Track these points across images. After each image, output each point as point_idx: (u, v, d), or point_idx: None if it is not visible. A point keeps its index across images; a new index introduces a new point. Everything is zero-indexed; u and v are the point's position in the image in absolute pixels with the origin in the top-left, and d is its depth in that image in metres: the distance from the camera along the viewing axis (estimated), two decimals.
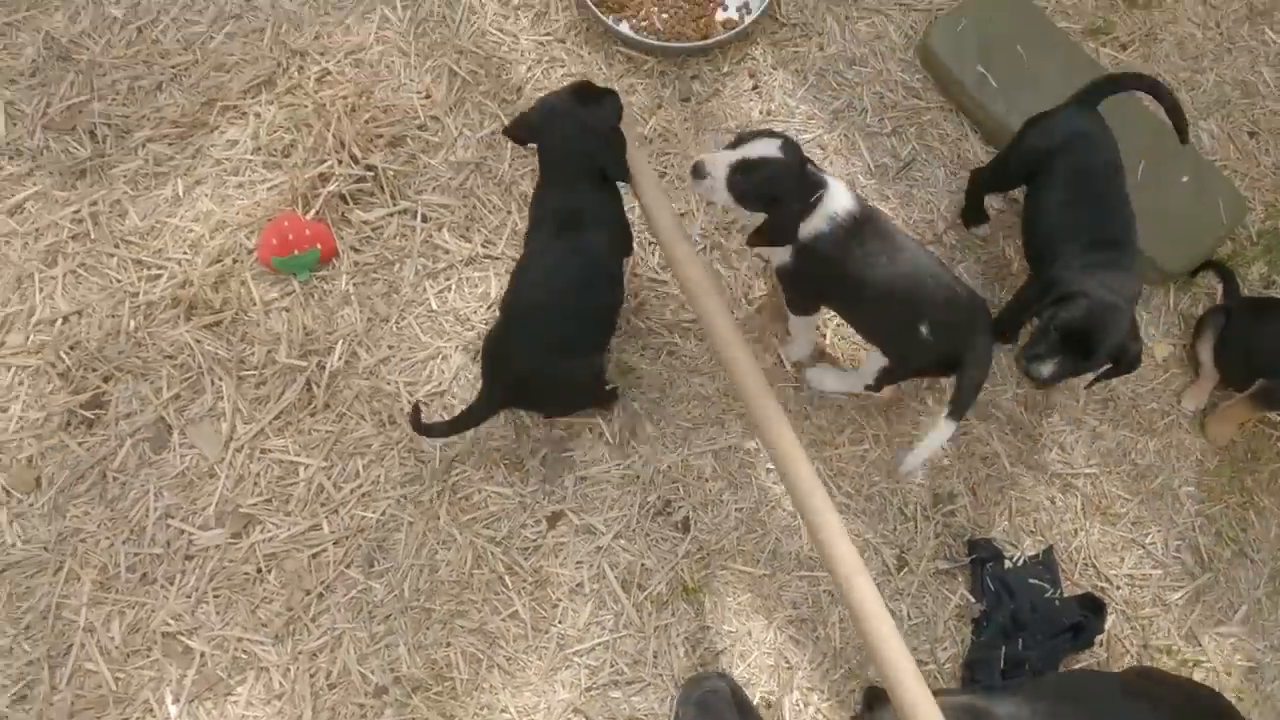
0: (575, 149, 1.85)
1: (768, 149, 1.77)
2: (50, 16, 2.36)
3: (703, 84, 2.44)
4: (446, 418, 2.08)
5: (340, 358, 2.13)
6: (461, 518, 2.03)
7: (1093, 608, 2.00)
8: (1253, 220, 2.39)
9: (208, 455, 2.04)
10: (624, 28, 2.44)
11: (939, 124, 2.44)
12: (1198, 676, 2.03)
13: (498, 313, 1.96)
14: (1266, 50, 2.56)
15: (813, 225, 1.81)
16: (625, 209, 1.98)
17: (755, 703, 1.92)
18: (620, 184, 1.95)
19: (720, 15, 2.50)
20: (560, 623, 1.98)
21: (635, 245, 2.10)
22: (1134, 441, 2.19)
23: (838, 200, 1.81)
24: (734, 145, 1.83)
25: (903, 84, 2.48)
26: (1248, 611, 2.09)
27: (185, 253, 2.18)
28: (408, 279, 2.21)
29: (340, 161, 2.24)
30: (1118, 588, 2.08)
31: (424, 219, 2.25)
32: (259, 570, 1.97)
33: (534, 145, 1.93)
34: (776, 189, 1.77)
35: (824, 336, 2.23)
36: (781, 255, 1.89)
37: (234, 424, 2.06)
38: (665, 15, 2.49)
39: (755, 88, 2.45)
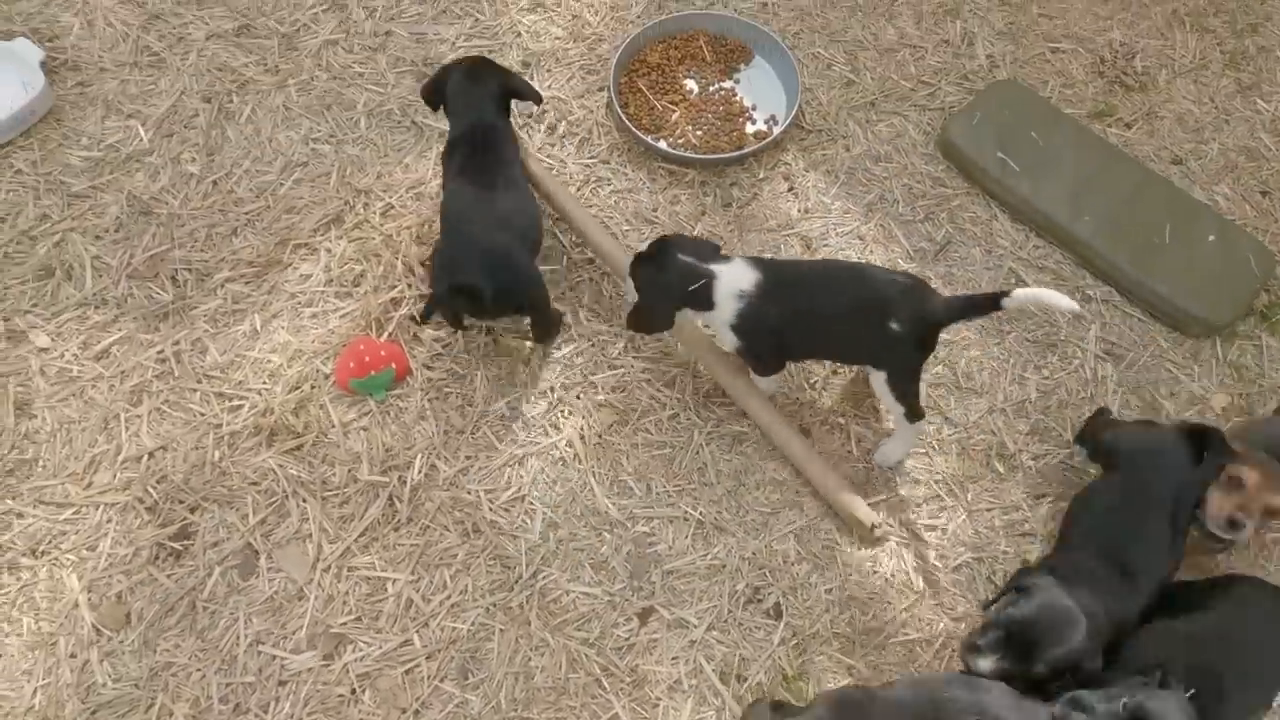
0: (478, 85, 2.25)
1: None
2: (132, 178, 2.54)
3: (741, 190, 2.60)
4: (528, 522, 2.12)
5: (420, 471, 2.17)
6: (552, 621, 2.02)
7: None
8: None
9: (296, 577, 2.05)
10: (662, 145, 2.62)
11: (968, 208, 2.59)
12: None
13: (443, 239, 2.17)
14: (1261, 118, 2.75)
15: (727, 310, 1.98)
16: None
17: None
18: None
19: (750, 128, 2.69)
20: None
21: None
22: None
23: (737, 280, 1.97)
24: None
25: (928, 175, 2.64)
26: None
27: (265, 382, 2.26)
28: (479, 390, 2.28)
29: (410, 285, 2.36)
30: None
31: (488, 330, 2.34)
32: (353, 691, 1.93)
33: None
34: (647, 290, 2.03)
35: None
36: (728, 341, 2.05)
37: (320, 544, 2.08)
38: (700, 132, 2.68)
39: (791, 189, 2.61)
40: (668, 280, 1.99)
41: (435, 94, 2.30)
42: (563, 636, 2.00)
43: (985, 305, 1.90)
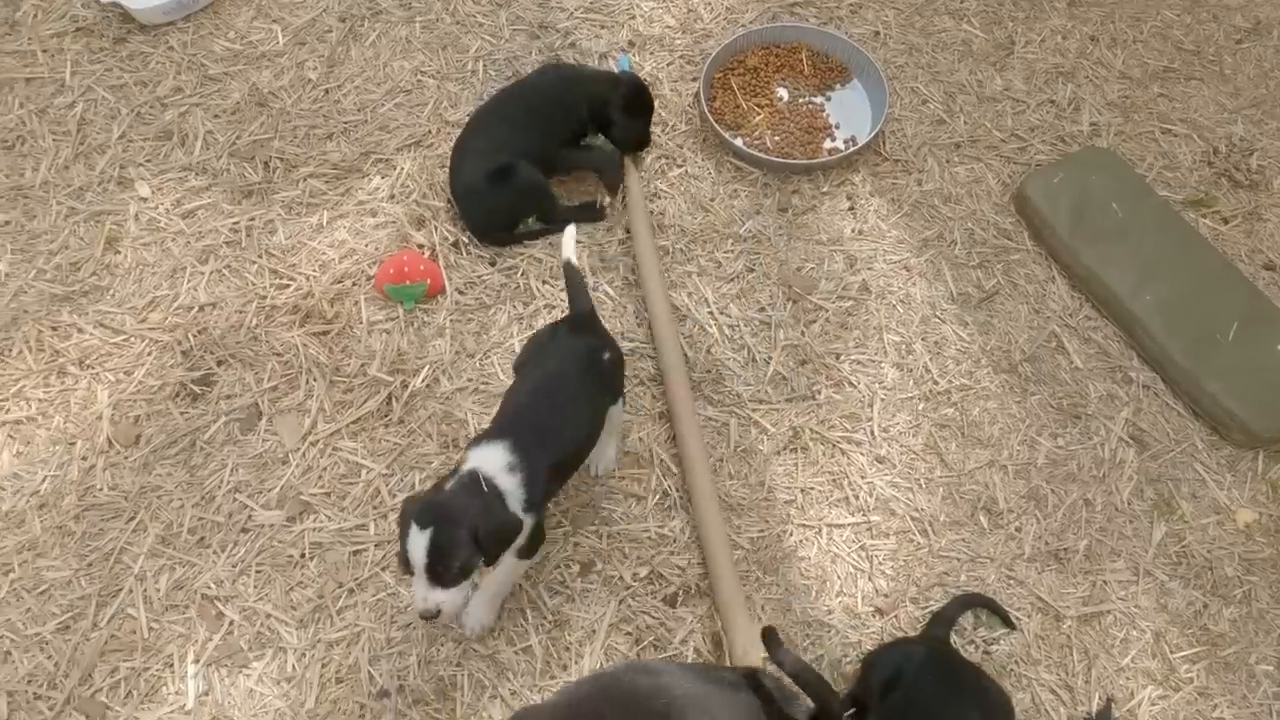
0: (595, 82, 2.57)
1: (420, 543, 1.64)
2: (260, 72, 2.82)
3: (802, 199, 2.62)
4: None
5: (423, 380, 2.29)
6: None
7: None
8: None
9: (286, 443, 2.20)
10: (738, 142, 2.68)
11: (1026, 265, 2.51)
12: None
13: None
14: None
15: (513, 492, 1.74)
16: None
17: None
18: None
19: (827, 144, 2.71)
20: (569, 668, 1.95)
21: None
22: (1206, 605, 2.04)
23: (491, 457, 1.75)
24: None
25: (995, 225, 2.58)
26: None
27: (315, 271, 2.46)
28: (499, 323, 2.39)
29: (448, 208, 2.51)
30: None
31: (523, 273, 2.46)
32: (302, 555, 2.06)
33: None
34: (459, 545, 1.64)
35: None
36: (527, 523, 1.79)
37: (316, 420, 2.23)
38: (778, 138, 2.72)
39: (851, 208, 2.61)
40: (466, 508, 1.67)
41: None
42: None
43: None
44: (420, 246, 2.48)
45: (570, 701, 1.58)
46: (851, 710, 1.86)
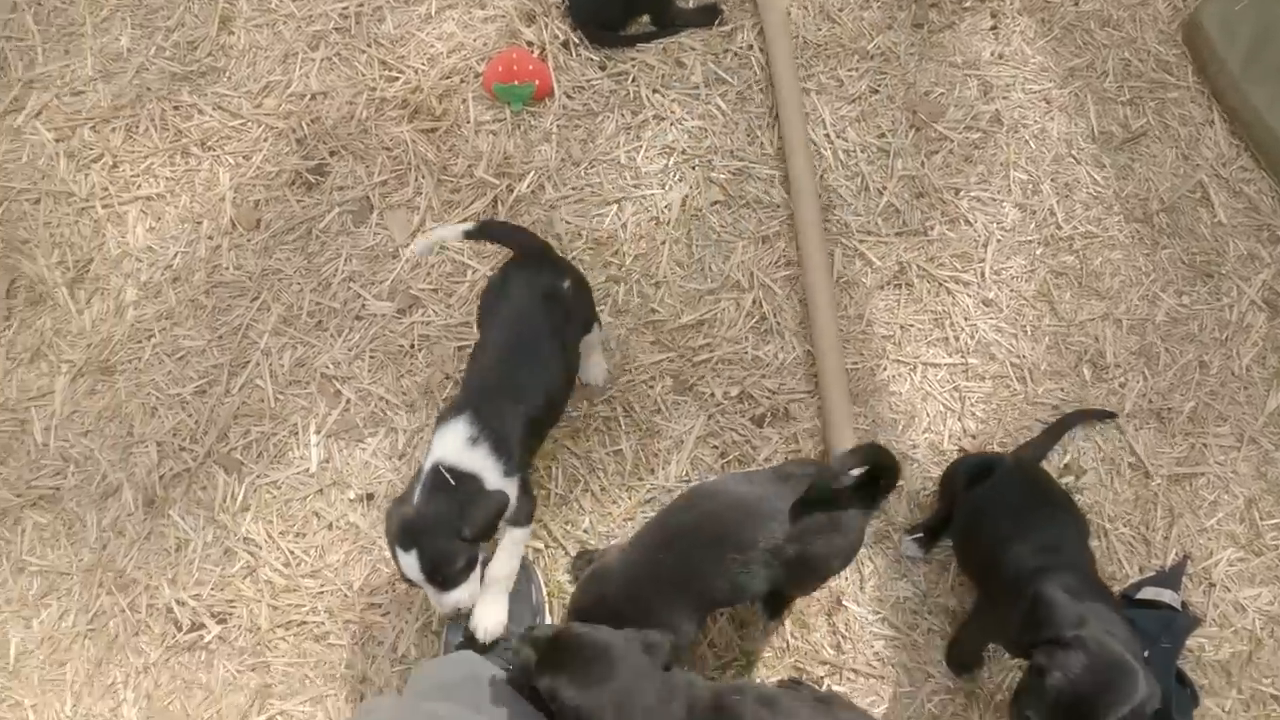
0: None
1: (411, 563, 1.58)
2: None
3: (940, 14, 2.40)
4: (613, 261, 2.20)
5: (529, 186, 2.28)
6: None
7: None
8: None
9: (396, 238, 2.26)
10: None
11: (1183, 104, 2.28)
12: None
13: None
14: None
15: (490, 473, 1.63)
16: None
17: None
18: None
19: None
20: (656, 472, 2.06)
21: None
22: None
23: (454, 436, 1.64)
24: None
25: (1155, 56, 2.33)
26: None
27: (423, 64, 2.41)
28: (606, 132, 2.33)
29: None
30: (1248, 615, 1.91)
31: (633, 80, 2.36)
32: (412, 346, 2.17)
33: None
34: (450, 552, 1.58)
35: None
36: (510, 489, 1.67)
37: (425, 218, 2.27)
38: None
39: (994, 28, 2.38)
40: (442, 515, 1.58)
41: None
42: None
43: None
44: (529, 44, 2.39)
45: (633, 546, 1.73)
46: (919, 535, 1.94)
